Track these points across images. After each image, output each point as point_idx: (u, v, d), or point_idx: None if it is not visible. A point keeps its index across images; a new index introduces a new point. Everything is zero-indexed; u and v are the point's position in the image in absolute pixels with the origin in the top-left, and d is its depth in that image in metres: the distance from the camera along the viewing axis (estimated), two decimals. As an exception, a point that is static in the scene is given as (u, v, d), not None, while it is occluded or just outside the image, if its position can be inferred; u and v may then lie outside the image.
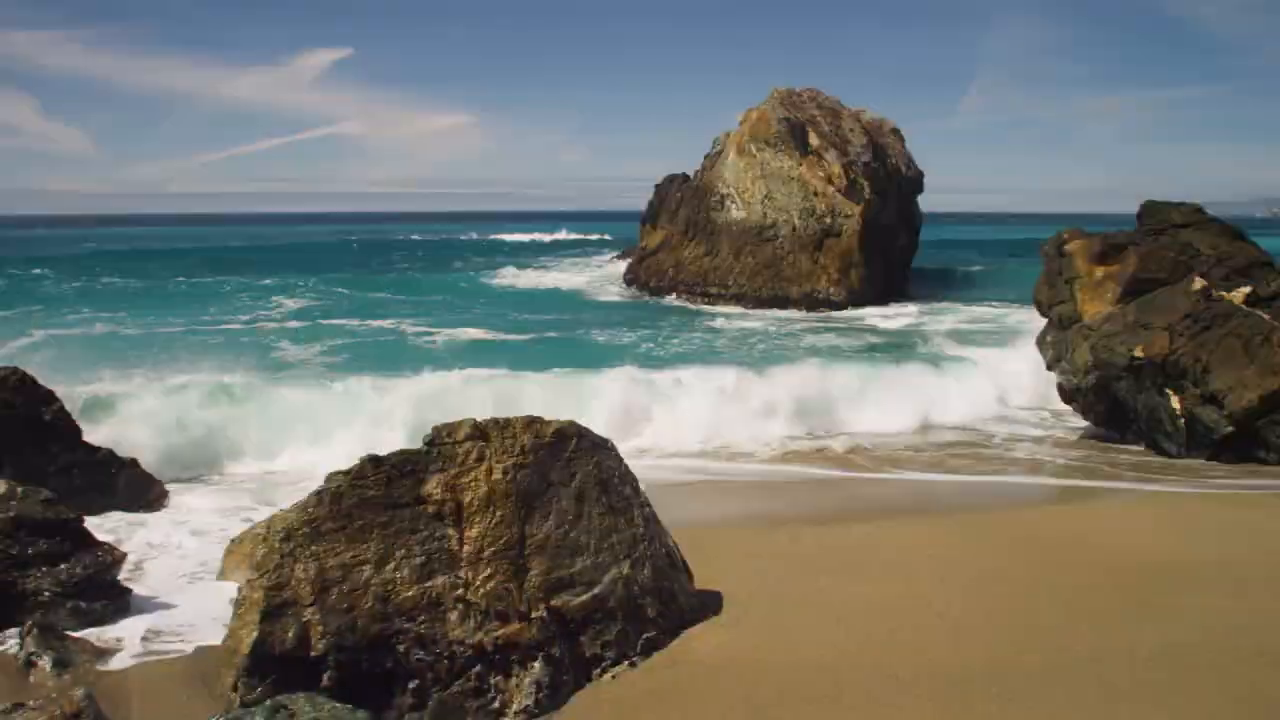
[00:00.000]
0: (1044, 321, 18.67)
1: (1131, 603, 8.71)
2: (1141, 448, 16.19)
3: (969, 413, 18.86)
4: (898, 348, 27.93)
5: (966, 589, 9.10)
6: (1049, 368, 18.09)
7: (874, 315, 36.06)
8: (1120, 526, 11.46)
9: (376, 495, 7.11)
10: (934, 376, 20.73)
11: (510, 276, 54.22)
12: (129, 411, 15.78)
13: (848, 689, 7.08)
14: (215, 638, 8.13)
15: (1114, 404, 16.46)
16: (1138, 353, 15.59)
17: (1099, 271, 17.51)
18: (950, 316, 35.65)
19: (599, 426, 8.70)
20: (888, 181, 42.91)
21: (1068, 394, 17.47)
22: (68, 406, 13.00)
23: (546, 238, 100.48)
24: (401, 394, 17.55)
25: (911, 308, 38.06)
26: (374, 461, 7.26)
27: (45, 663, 7.51)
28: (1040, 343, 18.49)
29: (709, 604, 8.69)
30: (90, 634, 8.29)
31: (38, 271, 51.83)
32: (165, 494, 13.17)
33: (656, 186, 48.15)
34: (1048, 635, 7.99)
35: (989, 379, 20.60)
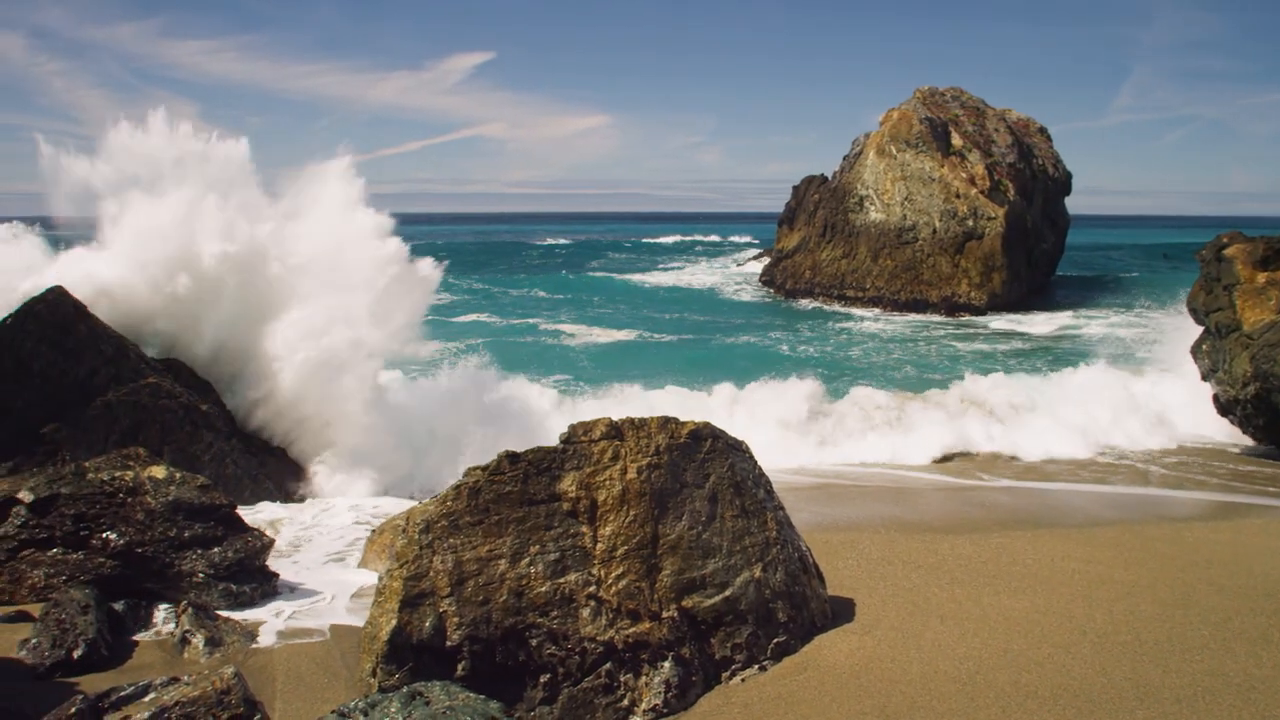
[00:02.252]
0: (1199, 329, 17.87)
1: (1291, 627, 8.28)
2: (1305, 464, 15.40)
3: (1111, 423, 18.14)
4: (1048, 353, 27.19)
5: (1112, 605, 8.78)
6: (1204, 378, 17.29)
7: (1018, 321, 35.10)
8: (1278, 546, 10.89)
9: (513, 491, 7.23)
10: (1090, 390, 19.95)
11: (647, 276, 54.65)
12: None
13: (983, 704, 6.90)
14: (354, 623, 8.42)
15: (1275, 417, 15.66)
16: (1302, 364, 14.78)
17: (1261, 277, 16.65)
18: (1098, 323, 34.45)
19: (733, 429, 8.68)
20: (1033, 182, 41.74)
21: (1224, 406, 16.69)
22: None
23: (684, 238, 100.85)
24: (546, 395, 17.91)
25: (1059, 314, 36.94)
26: (511, 458, 7.37)
27: (198, 641, 7.88)
28: (1195, 352, 17.70)
29: (841, 610, 8.59)
30: (239, 615, 8.67)
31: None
32: (312, 483, 13.68)
33: (794, 188, 47.89)
34: (1198, 658, 7.65)
35: (1140, 390, 19.83)
